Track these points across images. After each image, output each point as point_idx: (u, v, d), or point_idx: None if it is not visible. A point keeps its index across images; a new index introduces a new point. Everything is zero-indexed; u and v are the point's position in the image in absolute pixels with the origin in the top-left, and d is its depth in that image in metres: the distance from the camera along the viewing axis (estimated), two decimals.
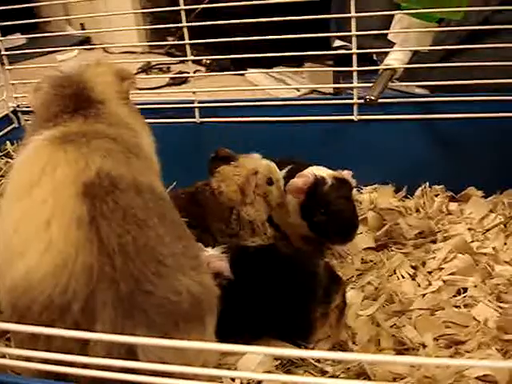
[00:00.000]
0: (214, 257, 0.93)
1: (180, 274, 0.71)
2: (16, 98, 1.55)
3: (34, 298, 0.65)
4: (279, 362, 0.93)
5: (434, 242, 1.20)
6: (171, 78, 2.45)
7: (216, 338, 0.77)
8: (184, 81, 2.45)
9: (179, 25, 1.33)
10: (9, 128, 1.50)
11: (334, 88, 1.97)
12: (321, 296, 0.94)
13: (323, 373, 0.91)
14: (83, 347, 0.64)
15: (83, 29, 3.42)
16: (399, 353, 0.95)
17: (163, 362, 0.61)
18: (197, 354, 0.70)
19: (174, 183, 1.34)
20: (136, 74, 2.55)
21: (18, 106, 1.54)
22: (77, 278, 0.65)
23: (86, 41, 3.25)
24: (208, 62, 2.57)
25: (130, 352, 0.64)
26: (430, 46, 1.26)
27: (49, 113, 0.87)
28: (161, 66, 2.70)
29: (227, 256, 0.94)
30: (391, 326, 1.00)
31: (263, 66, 2.20)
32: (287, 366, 0.93)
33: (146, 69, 2.64)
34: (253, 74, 2.31)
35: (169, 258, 0.70)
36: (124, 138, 0.84)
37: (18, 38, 2.58)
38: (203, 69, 2.54)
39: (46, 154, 0.76)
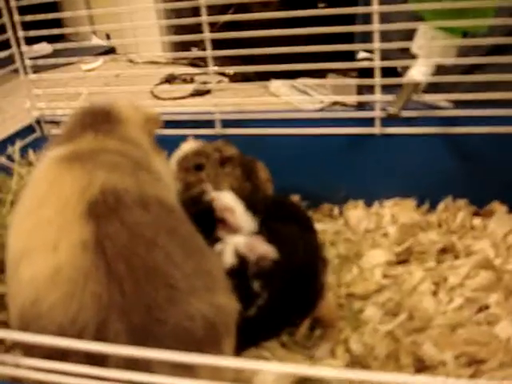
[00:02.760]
0: (256, 241, 0.88)
1: (192, 297, 0.68)
2: (40, 107, 1.56)
3: (44, 327, 0.64)
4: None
5: (457, 257, 1.18)
6: (194, 89, 2.45)
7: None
8: (207, 91, 2.45)
9: (200, 35, 1.33)
10: (32, 137, 1.51)
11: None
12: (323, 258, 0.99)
13: None
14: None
15: (108, 39, 3.46)
16: (418, 370, 0.93)
17: None
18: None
19: None
20: (159, 84, 2.57)
21: (41, 116, 1.56)
22: (86, 307, 0.63)
23: (111, 51, 3.28)
24: (231, 72, 2.57)
25: None
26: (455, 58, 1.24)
27: (66, 130, 0.88)
28: (184, 76, 2.71)
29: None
30: (411, 343, 0.98)
31: (287, 78, 2.19)
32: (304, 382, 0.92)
33: (170, 79, 2.66)
34: (276, 85, 2.30)
35: (180, 280, 0.68)
36: (134, 154, 0.84)
37: (43, 48, 2.60)
38: (227, 80, 2.54)
39: (53, 172, 0.76)
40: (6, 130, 1.49)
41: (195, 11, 1.36)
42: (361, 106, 1.91)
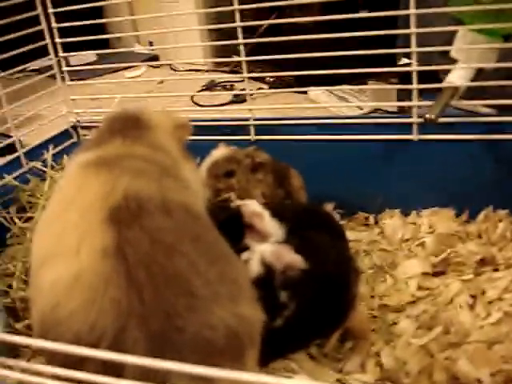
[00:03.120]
0: (284, 249, 0.86)
1: (215, 305, 0.67)
2: (77, 113, 1.57)
3: (62, 334, 0.63)
4: None
5: (496, 270, 1.13)
6: (234, 96, 2.45)
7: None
8: (245, 99, 2.44)
9: (235, 42, 1.32)
10: (68, 143, 1.53)
11: (399, 107, 1.92)
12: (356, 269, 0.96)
13: None
14: None
15: (151, 46, 3.49)
16: None
17: None
18: None
19: None
20: (200, 91, 2.57)
21: (78, 121, 1.57)
22: (105, 314, 0.62)
23: (154, 58, 3.31)
24: (271, 79, 2.56)
25: None
26: (495, 62, 1.19)
27: (95, 135, 0.88)
28: (225, 83, 2.71)
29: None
30: (445, 359, 0.94)
31: (326, 85, 2.16)
32: None
33: (210, 86, 2.66)
34: (315, 92, 2.28)
35: (202, 288, 0.66)
36: (161, 161, 0.83)
37: (87, 56, 2.65)
38: (266, 86, 2.53)
39: (78, 177, 0.76)
40: (43, 135, 1.51)
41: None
42: (401, 112, 1.87)
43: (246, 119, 1.41)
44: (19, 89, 1.41)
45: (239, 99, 2.43)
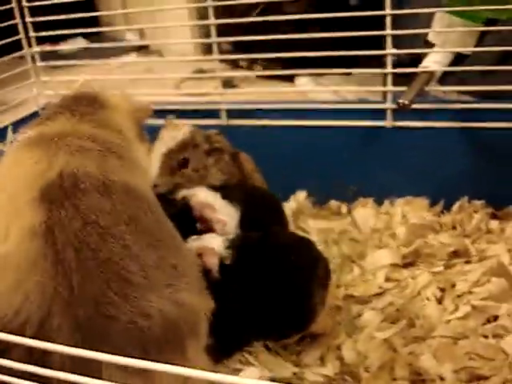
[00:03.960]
0: (209, 249, 0.84)
1: (151, 292, 0.63)
2: (49, 95, 1.53)
3: None
4: None
5: (468, 262, 1.09)
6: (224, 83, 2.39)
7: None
8: (233, 86, 2.39)
9: (206, 22, 1.28)
10: None
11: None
12: (321, 278, 0.90)
13: None
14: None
15: (142, 36, 3.44)
16: (413, 383, 0.85)
17: None
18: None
19: None
20: (186, 78, 2.51)
21: (48, 103, 1.52)
22: (31, 299, 0.58)
23: (144, 47, 3.26)
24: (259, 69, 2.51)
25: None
26: (474, 47, 1.15)
27: (46, 112, 0.84)
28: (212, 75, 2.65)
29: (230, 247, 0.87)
30: (409, 353, 0.90)
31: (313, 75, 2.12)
32: None
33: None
34: (301, 82, 2.23)
35: (137, 274, 0.62)
36: (107, 139, 0.78)
37: (77, 42, 2.59)
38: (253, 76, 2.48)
39: (14, 156, 0.73)
40: (12, 117, 1.45)
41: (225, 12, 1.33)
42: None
43: (218, 103, 1.36)
44: None
45: (229, 86, 2.39)
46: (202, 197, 0.88)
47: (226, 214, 0.87)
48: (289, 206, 1.31)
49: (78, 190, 0.65)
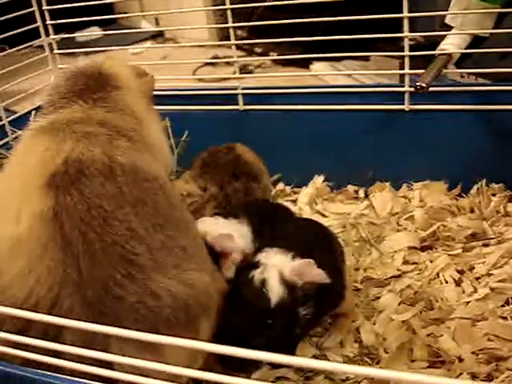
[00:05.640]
0: (306, 265, 0.80)
1: (158, 273, 0.65)
2: None
3: (4, 301, 0.62)
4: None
5: (487, 245, 1.09)
6: (241, 69, 2.39)
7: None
8: (249, 72, 2.39)
9: (223, 7, 1.27)
10: None
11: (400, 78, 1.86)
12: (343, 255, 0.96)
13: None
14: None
15: (157, 23, 3.44)
16: (432, 365, 0.86)
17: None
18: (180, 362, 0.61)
19: None
20: (202, 65, 2.51)
21: None
22: (42, 281, 0.61)
23: (159, 35, 3.26)
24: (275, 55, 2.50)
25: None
26: (492, 30, 1.14)
27: (56, 97, 0.84)
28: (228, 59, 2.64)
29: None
30: (427, 335, 0.91)
31: (328, 58, 2.11)
32: (307, 372, 0.86)
33: (213, 62, 2.59)
34: (317, 67, 2.22)
35: (143, 255, 0.65)
36: (118, 123, 0.79)
37: (93, 31, 2.59)
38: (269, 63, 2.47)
39: (26, 143, 0.75)
40: (30, 105, 1.46)
41: None
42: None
43: (234, 88, 1.36)
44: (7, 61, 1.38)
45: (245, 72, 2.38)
46: (214, 230, 0.88)
47: (239, 238, 0.88)
48: (307, 191, 1.32)
49: (82, 176, 0.68)
